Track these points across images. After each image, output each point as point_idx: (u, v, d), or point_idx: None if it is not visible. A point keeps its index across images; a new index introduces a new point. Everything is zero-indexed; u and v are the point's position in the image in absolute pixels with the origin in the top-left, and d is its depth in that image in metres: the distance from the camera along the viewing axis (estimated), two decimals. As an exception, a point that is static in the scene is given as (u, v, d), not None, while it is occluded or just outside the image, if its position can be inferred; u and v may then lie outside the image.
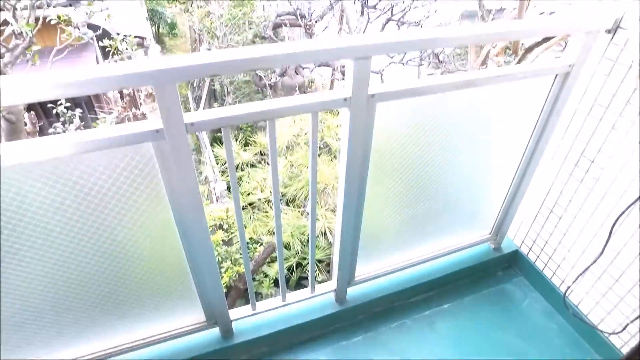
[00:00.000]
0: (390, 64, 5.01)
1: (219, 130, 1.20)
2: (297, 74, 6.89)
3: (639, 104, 1.55)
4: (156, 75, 0.96)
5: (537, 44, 4.78)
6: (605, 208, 1.75)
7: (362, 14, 5.63)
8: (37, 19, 3.08)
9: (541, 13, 7.33)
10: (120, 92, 5.32)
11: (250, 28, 5.21)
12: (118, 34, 3.31)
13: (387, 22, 5.00)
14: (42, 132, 4.51)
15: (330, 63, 5.26)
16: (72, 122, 3.48)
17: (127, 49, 2.75)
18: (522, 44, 4.83)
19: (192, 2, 7.04)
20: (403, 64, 4.94)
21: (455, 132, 1.59)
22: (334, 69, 5.13)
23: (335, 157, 4.06)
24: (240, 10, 5.08)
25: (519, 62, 4.84)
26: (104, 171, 1.11)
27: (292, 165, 3.65)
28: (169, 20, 12.57)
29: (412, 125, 1.45)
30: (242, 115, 1.12)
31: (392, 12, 4.90)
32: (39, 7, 2.98)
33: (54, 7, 3.85)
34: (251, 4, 5.67)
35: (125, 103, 4.22)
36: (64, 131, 3.30)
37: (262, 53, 1.01)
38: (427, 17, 4.78)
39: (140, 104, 5.68)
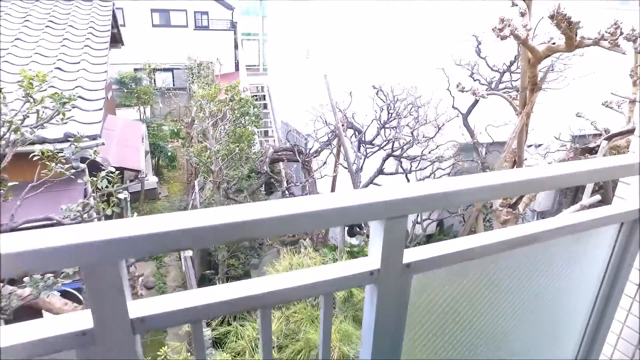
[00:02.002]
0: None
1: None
2: None
3: None
4: (84, 253, 0.61)
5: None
6: None
7: (359, 149, 5.69)
8: (17, 155, 2.88)
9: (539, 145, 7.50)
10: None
11: (246, 163, 5.17)
12: (104, 166, 3.10)
13: (387, 158, 4.98)
14: None
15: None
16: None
17: (106, 186, 2.50)
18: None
19: (192, 139, 7.24)
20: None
21: (510, 292, 1.21)
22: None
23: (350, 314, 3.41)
24: (237, 146, 5.09)
25: (522, 195, 4.67)
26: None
27: (289, 320, 3.11)
28: (169, 154, 12.98)
29: (455, 294, 1.07)
30: (217, 305, 0.74)
31: (392, 147, 4.90)
32: (28, 143, 2.80)
33: (49, 143, 3.72)
34: (249, 140, 5.77)
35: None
36: None
37: (248, 216, 0.68)
38: (430, 150, 4.78)
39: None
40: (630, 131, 4.27)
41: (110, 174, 2.55)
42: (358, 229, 5.11)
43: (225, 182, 5.02)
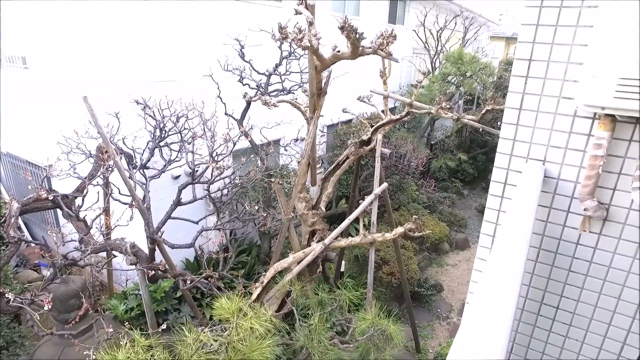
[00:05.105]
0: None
1: None
2: (74, 267, 5.04)
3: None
4: None
5: (331, 172, 5.00)
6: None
7: (132, 175, 4.75)
8: None
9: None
10: None
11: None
12: None
13: (184, 187, 4.24)
14: None
15: (116, 245, 4.04)
16: None
17: None
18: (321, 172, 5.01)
19: None
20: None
21: None
22: (124, 252, 3.94)
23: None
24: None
25: (320, 194, 4.90)
26: None
27: None
28: None
29: None
30: None
31: (194, 175, 4.16)
32: None
33: None
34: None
35: None
36: None
37: None
38: (223, 168, 4.33)
39: None
40: (389, 122, 5.00)
41: None
42: (161, 272, 4.30)
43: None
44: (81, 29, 5.60)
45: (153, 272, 3.96)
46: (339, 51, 3.41)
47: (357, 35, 3.05)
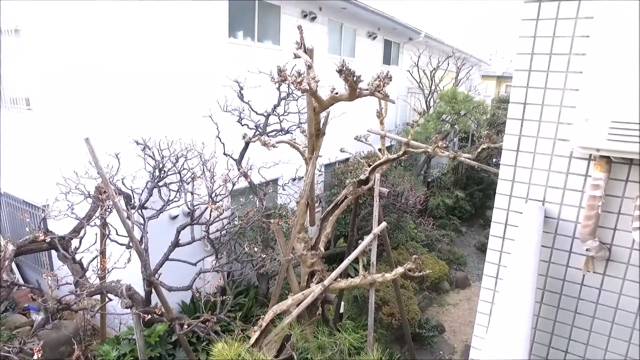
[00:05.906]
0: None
1: None
2: (65, 312, 4.78)
3: None
4: None
5: (330, 212, 4.99)
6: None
7: (130, 216, 4.73)
8: None
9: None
10: None
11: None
12: None
13: (183, 228, 4.22)
14: None
15: (112, 288, 3.93)
16: None
17: None
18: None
19: None
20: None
21: None
22: (120, 295, 3.81)
23: None
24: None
25: (319, 234, 4.87)
26: None
27: None
28: None
29: None
30: None
31: (193, 215, 4.15)
32: None
33: None
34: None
35: None
36: None
37: None
38: (222, 209, 4.33)
39: None
40: (386, 161, 5.05)
41: None
42: (157, 316, 4.19)
43: None
44: (84, 69, 5.74)
45: (149, 315, 3.85)
46: (337, 93, 3.50)
47: (355, 78, 3.15)
